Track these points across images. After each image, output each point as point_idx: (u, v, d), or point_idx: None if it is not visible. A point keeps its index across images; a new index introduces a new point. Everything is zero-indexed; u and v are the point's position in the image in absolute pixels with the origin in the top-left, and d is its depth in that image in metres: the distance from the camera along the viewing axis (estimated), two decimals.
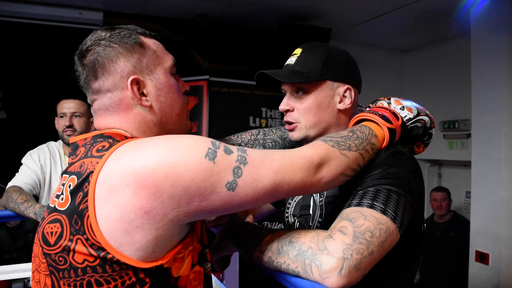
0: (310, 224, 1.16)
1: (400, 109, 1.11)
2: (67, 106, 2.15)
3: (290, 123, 1.13)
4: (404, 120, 1.09)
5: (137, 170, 0.72)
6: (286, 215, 1.26)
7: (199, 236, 0.89)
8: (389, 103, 1.14)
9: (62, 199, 0.79)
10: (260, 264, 0.92)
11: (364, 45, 4.36)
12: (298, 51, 1.14)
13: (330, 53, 1.10)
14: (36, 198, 2.07)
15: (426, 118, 1.12)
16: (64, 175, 0.84)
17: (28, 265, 1.91)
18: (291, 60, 1.13)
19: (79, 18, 3.29)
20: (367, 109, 1.12)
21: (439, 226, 3.83)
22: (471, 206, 3.19)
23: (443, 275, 3.69)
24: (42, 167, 2.15)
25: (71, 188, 0.78)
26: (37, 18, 3.27)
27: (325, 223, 1.10)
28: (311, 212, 1.17)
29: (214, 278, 1.66)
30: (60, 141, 2.27)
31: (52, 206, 0.81)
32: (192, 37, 3.69)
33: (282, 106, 1.13)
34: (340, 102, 1.10)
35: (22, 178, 2.05)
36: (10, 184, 2.01)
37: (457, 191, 4.18)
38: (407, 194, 0.92)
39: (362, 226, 0.81)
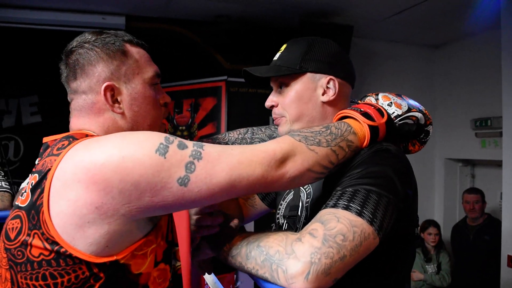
0: (298, 225, 1.12)
1: (387, 105, 1.06)
2: None
3: (276, 118, 1.11)
4: (392, 116, 1.03)
5: (88, 166, 0.73)
6: (277, 216, 1.23)
7: (165, 234, 0.88)
8: (376, 99, 1.09)
9: (23, 196, 0.81)
10: (236, 268, 0.89)
11: (389, 42, 4.23)
12: (283, 47, 1.12)
13: (311, 45, 1.07)
14: None
15: (418, 115, 1.06)
16: (30, 174, 0.86)
17: None
18: (276, 56, 1.11)
19: (102, 23, 3.37)
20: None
21: (472, 230, 3.66)
22: (502, 207, 3.03)
23: (475, 281, 3.52)
24: None
25: (32, 185, 0.79)
26: (65, 25, 3.36)
27: None
28: (299, 213, 1.13)
29: (211, 277, 1.64)
30: None
31: (16, 203, 0.83)
32: (212, 38, 3.70)
33: (267, 103, 1.11)
34: (323, 94, 1.06)
35: None
36: None
37: (492, 192, 3.97)
38: (390, 194, 0.86)
39: (333, 229, 0.77)
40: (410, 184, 0.95)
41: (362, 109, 0.98)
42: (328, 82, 1.05)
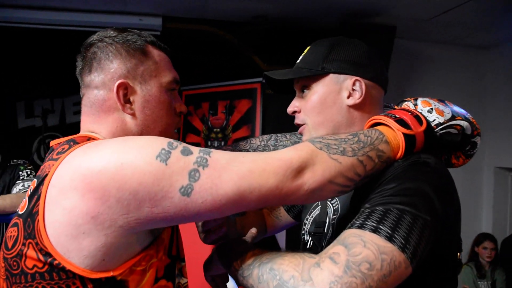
0: (323, 244, 1.01)
1: (427, 111, 0.94)
2: None
3: (299, 125, 1.01)
4: (432, 125, 0.91)
5: (84, 172, 0.68)
6: (303, 232, 1.12)
7: (167, 248, 0.82)
8: (415, 105, 0.97)
9: (23, 203, 0.77)
10: None
11: (435, 43, 4.01)
12: (306, 49, 1.03)
13: (335, 45, 0.97)
14: None
15: (464, 123, 0.94)
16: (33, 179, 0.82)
17: None
18: (299, 59, 1.03)
19: (139, 24, 3.37)
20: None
21: None
22: None
23: None
24: None
25: (31, 191, 0.75)
26: (105, 26, 3.38)
27: None
28: (325, 230, 1.02)
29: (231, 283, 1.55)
30: None
31: (17, 210, 0.79)
32: (249, 39, 3.64)
33: (289, 108, 1.02)
34: (348, 97, 0.96)
35: None
36: None
37: None
38: (427, 215, 0.74)
39: (358, 255, 0.67)
40: (452, 203, 0.83)
41: (397, 115, 0.87)
42: (353, 84, 0.95)
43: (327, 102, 0.96)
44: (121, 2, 3.16)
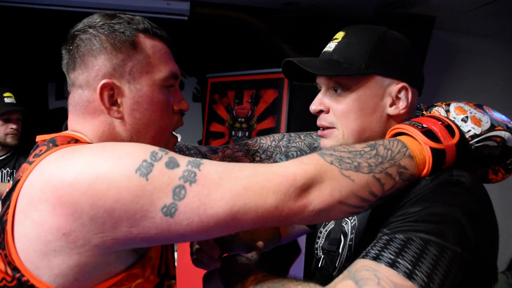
0: (336, 265, 0.90)
1: (461, 120, 0.82)
2: None
3: (323, 127, 0.88)
4: (467, 136, 0.79)
5: (56, 184, 0.60)
6: (316, 246, 1.01)
7: (156, 266, 0.74)
8: (447, 111, 0.85)
9: None
10: None
11: (475, 36, 3.78)
12: (339, 34, 0.88)
13: (381, 39, 0.83)
14: None
15: (505, 135, 0.81)
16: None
17: None
18: (329, 47, 0.88)
19: (166, 9, 3.31)
20: (419, 117, 0.83)
21: None
22: None
23: None
24: None
25: (5, 194, 0.68)
26: (129, 10, 3.36)
27: None
28: (340, 249, 0.90)
29: None
30: None
31: None
32: (280, 27, 3.53)
33: (314, 106, 0.88)
34: (391, 106, 0.83)
35: None
36: None
37: None
38: (457, 246, 0.63)
39: None
40: (488, 230, 0.72)
41: (424, 125, 0.75)
42: (399, 91, 0.83)
43: (367, 108, 0.83)
44: None
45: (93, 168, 0.60)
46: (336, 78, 0.85)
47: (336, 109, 0.86)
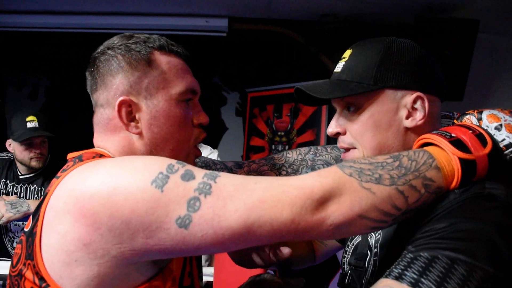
0: (363, 281, 0.86)
1: (495, 128, 0.76)
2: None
3: (344, 149, 0.86)
4: (501, 146, 0.74)
5: (77, 196, 0.63)
6: (343, 260, 0.97)
7: (177, 278, 0.75)
8: (479, 119, 0.80)
9: (29, 220, 0.74)
10: None
11: None
12: (347, 53, 0.85)
13: (388, 50, 0.80)
14: None
15: None
16: None
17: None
18: (338, 67, 0.85)
19: (205, 26, 3.39)
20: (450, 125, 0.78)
21: None
22: None
23: None
24: None
25: (36, 208, 0.71)
26: (172, 29, 3.46)
27: None
28: (366, 264, 0.86)
29: None
30: None
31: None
32: (317, 39, 3.52)
33: (330, 129, 0.86)
34: (407, 118, 0.79)
35: None
36: None
37: None
38: (488, 265, 0.58)
39: None
40: None
41: (453, 134, 0.70)
42: (414, 101, 0.79)
43: (382, 124, 0.80)
44: (186, 4, 3.18)
45: (112, 180, 0.62)
46: (347, 99, 0.82)
47: (352, 129, 0.83)
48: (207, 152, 2.41)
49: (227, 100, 4.19)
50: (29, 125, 2.28)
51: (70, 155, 0.80)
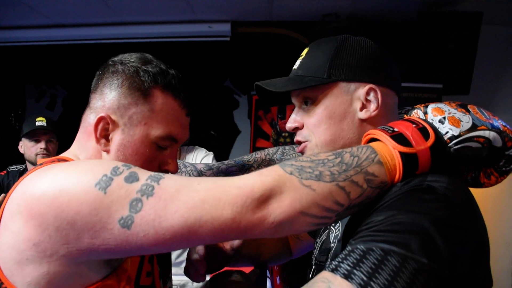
0: None
1: (439, 121, 0.76)
2: None
3: (299, 143, 0.87)
4: (445, 138, 0.73)
5: (27, 198, 0.65)
6: (312, 256, 0.98)
7: (132, 278, 0.76)
8: (425, 113, 0.79)
9: None
10: None
11: None
12: (304, 51, 0.88)
13: (341, 46, 0.83)
14: None
15: (490, 134, 0.74)
16: None
17: None
18: (296, 64, 0.88)
19: (209, 32, 3.41)
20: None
21: None
22: None
23: None
24: None
25: None
26: (174, 36, 3.49)
27: None
28: (329, 259, 0.87)
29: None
30: None
31: None
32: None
33: (289, 124, 0.88)
34: (362, 109, 0.81)
35: None
36: None
37: None
38: (423, 257, 0.57)
39: None
40: (466, 240, 0.63)
41: (395, 129, 0.71)
42: (367, 93, 0.81)
43: (336, 116, 0.82)
44: (189, 11, 3.21)
45: (58, 183, 0.65)
46: (303, 93, 0.85)
47: (308, 123, 0.85)
48: (202, 154, 2.36)
49: (239, 103, 4.20)
50: (37, 123, 2.43)
51: (44, 160, 0.83)
